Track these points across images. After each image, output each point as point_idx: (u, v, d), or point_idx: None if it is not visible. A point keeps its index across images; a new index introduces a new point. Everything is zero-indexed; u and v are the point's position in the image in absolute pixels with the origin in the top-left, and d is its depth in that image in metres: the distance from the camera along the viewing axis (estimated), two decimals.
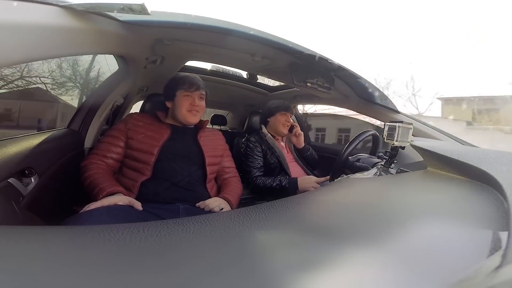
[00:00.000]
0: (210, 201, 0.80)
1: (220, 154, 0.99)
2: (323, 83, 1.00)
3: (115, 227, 0.30)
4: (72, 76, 1.11)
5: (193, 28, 0.71)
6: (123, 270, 0.24)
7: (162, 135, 0.87)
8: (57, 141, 0.82)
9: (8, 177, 0.57)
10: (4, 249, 0.24)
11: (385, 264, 0.27)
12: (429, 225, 0.36)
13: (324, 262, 0.27)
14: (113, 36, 0.61)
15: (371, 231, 0.35)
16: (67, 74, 1.09)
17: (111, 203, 0.66)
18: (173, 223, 0.34)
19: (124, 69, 0.94)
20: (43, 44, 0.43)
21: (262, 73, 1.27)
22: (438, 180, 0.56)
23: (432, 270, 0.25)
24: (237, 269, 0.25)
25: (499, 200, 0.39)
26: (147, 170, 0.80)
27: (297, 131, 1.33)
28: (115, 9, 0.48)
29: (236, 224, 0.36)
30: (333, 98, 1.30)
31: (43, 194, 0.69)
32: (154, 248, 0.28)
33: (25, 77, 0.89)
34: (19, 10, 0.38)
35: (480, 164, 0.49)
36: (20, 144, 0.63)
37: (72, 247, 0.28)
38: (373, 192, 0.57)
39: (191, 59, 1.10)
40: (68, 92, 1.17)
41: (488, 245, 0.29)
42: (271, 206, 0.43)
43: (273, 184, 1.17)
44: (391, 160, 0.79)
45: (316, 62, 0.94)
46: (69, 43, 0.49)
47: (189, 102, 0.90)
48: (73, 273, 0.22)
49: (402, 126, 0.73)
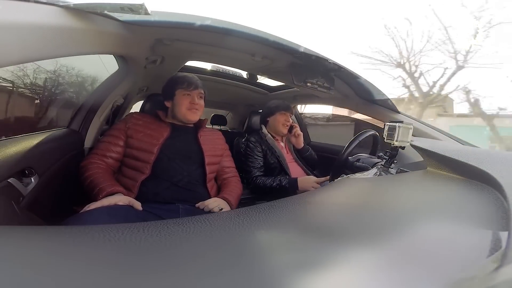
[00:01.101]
0: (210, 202, 0.80)
1: (220, 153, 0.99)
2: (323, 83, 1.00)
3: (115, 227, 0.30)
4: (72, 76, 1.11)
5: (193, 28, 0.71)
6: (123, 270, 0.24)
7: (162, 134, 0.87)
8: (57, 141, 0.82)
9: (8, 177, 0.57)
10: (4, 249, 0.24)
11: (385, 264, 0.27)
12: (429, 225, 0.36)
13: (324, 262, 0.27)
14: (113, 36, 0.61)
15: (371, 231, 0.35)
16: (67, 74, 1.09)
17: (111, 203, 0.66)
18: (173, 223, 0.34)
19: (124, 69, 0.94)
20: (43, 44, 0.43)
21: (262, 73, 1.27)
22: (438, 180, 0.56)
23: (432, 270, 0.25)
24: (237, 269, 0.25)
25: (499, 200, 0.39)
26: (146, 168, 0.81)
27: (297, 132, 1.33)
28: (115, 9, 0.48)
29: (236, 224, 0.36)
30: (333, 98, 1.30)
31: (43, 194, 0.69)
32: (154, 248, 0.28)
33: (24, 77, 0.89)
34: (19, 10, 0.38)
35: (480, 164, 0.49)
36: (20, 144, 0.63)
37: (72, 247, 0.28)
38: (373, 192, 0.57)
39: (191, 59, 1.10)
40: (68, 92, 1.17)
41: (488, 245, 0.29)
42: (271, 206, 0.43)
43: (273, 184, 1.17)
44: (391, 160, 0.79)
45: (316, 62, 0.94)
46: (69, 43, 0.49)
47: (189, 101, 0.91)
48: (74, 273, 0.22)
49: (402, 126, 0.73)
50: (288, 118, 1.31)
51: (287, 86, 1.54)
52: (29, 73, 0.89)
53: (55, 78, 1.03)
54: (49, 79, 1.01)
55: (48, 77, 1.00)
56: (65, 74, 1.07)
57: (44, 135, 0.76)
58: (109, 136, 0.86)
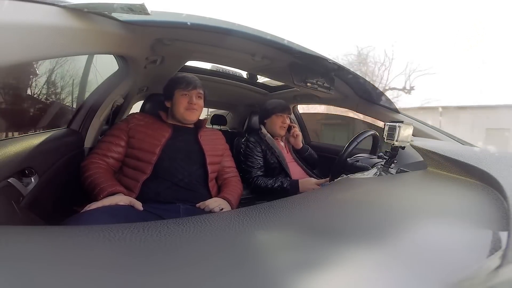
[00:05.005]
0: (210, 202, 0.80)
1: (220, 153, 0.99)
2: (323, 83, 1.00)
3: (115, 227, 0.30)
4: (72, 76, 1.11)
5: (193, 28, 0.71)
6: (124, 270, 0.24)
7: (164, 134, 0.87)
8: (57, 141, 0.81)
9: (8, 177, 0.57)
10: (4, 249, 0.24)
11: (385, 264, 0.27)
12: (429, 225, 0.36)
13: (324, 262, 0.27)
14: (113, 36, 0.61)
15: (371, 231, 0.35)
16: (67, 74, 1.09)
17: (112, 203, 0.66)
18: (174, 223, 0.34)
19: (124, 69, 0.94)
20: (43, 44, 0.43)
21: (262, 73, 1.27)
22: (438, 180, 0.56)
23: (432, 270, 0.25)
24: (238, 269, 0.25)
25: (499, 200, 0.39)
26: (148, 169, 0.81)
27: (295, 132, 1.32)
28: (115, 9, 0.48)
29: (236, 224, 0.36)
30: (333, 98, 1.29)
31: (43, 194, 0.69)
32: (155, 248, 0.28)
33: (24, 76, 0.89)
34: (19, 10, 0.38)
35: (480, 164, 0.49)
36: (20, 144, 0.63)
37: (73, 247, 0.28)
38: (373, 192, 0.57)
39: (191, 59, 1.10)
40: (67, 92, 1.17)
41: (488, 245, 0.29)
42: (271, 206, 0.43)
43: (275, 185, 1.17)
44: (391, 160, 0.79)
45: (316, 62, 0.94)
46: (69, 43, 0.49)
47: (187, 101, 0.91)
48: (74, 273, 0.22)
49: (402, 126, 0.73)
50: (285, 120, 1.30)
51: (287, 86, 1.54)
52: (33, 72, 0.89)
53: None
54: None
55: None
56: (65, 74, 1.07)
57: (44, 135, 0.76)
58: (110, 136, 0.86)
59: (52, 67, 1.01)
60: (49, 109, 1.10)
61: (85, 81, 1.15)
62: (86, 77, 1.14)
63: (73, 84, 1.15)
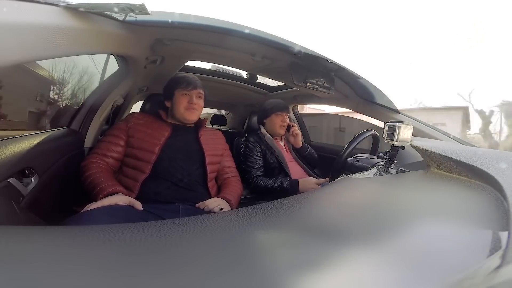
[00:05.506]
0: (210, 202, 0.80)
1: (220, 153, 0.99)
2: (323, 83, 1.00)
3: (115, 227, 0.30)
4: (72, 76, 1.11)
5: (193, 28, 0.71)
6: (124, 270, 0.24)
7: (163, 134, 0.87)
8: (57, 141, 0.81)
9: (8, 177, 0.57)
10: (4, 249, 0.24)
11: (385, 264, 0.27)
12: (429, 225, 0.36)
13: (325, 262, 0.27)
14: (113, 36, 0.61)
15: (371, 231, 0.35)
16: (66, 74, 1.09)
17: (112, 203, 0.66)
18: (173, 223, 0.34)
19: (124, 69, 0.94)
20: (43, 44, 0.43)
21: (262, 73, 1.27)
22: (438, 180, 0.56)
23: (432, 270, 0.25)
24: (238, 269, 0.25)
25: (499, 200, 0.39)
26: (147, 168, 0.81)
27: (295, 131, 1.32)
28: (115, 9, 0.48)
29: (236, 224, 0.36)
30: (333, 98, 1.29)
31: (43, 194, 0.69)
32: (155, 248, 0.28)
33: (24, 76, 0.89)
34: (19, 10, 0.38)
35: (480, 164, 0.49)
36: (20, 144, 0.63)
37: (73, 247, 0.28)
38: (373, 192, 0.57)
39: (191, 59, 1.10)
40: (67, 92, 1.17)
41: (488, 245, 0.29)
42: (271, 206, 0.43)
43: (275, 185, 1.17)
44: (391, 160, 0.79)
45: (316, 62, 0.94)
46: (69, 43, 0.49)
47: (187, 100, 0.91)
48: (74, 273, 0.22)
49: (402, 126, 0.73)
50: (284, 119, 1.30)
51: (287, 86, 1.54)
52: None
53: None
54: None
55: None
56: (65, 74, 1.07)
57: (44, 135, 0.76)
58: (110, 136, 0.86)
59: (52, 67, 1.01)
60: (49, 109, 1.10)
61: (85, 81, 1.15)
62: (86, 77, 1.14)
63: (73, 84, 1.15)
